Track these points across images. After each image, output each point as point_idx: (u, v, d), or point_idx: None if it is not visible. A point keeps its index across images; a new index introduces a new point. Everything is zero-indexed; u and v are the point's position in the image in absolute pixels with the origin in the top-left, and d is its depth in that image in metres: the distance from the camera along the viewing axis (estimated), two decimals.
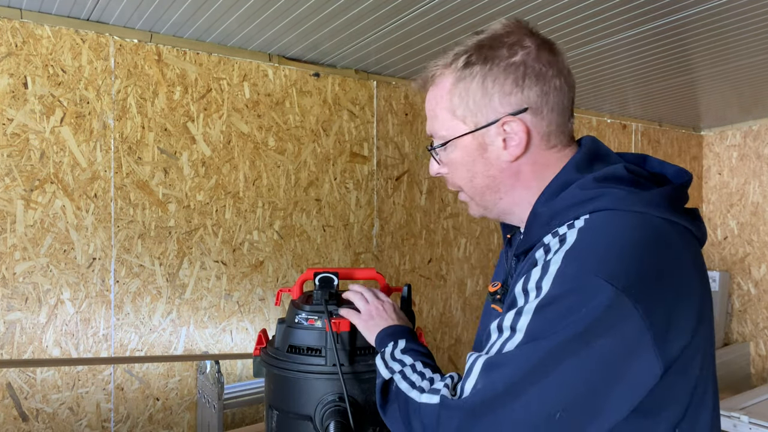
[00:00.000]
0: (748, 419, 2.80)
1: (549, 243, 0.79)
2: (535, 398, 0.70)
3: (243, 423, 2.72)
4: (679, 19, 2.35)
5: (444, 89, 0.88)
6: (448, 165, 0.92)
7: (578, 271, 0.72)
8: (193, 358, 2.53)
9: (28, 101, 2.26)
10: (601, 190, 0.78)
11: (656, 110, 4.06)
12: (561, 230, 0.79)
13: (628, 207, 0.76)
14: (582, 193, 0.79)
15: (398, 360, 0.94)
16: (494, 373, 0.73)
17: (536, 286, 0.74)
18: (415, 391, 0.86)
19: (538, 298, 0.73)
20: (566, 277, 0.72)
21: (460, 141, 0.88)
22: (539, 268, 0.76)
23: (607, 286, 0.69)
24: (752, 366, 4.52)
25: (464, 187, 0.93)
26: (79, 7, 2.23)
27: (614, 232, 0.75)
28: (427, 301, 3.31)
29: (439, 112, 0.89)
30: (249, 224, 2.74)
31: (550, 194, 0.85)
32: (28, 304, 2.26)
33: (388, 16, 2.30)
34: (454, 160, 0.90)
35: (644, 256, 0.73)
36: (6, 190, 2.22)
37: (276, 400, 1.11)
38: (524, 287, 0.77)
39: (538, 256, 0.78)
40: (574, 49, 2.71)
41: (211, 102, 2.64)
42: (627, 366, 0.70)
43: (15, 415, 2.23)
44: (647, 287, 0.71)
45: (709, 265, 4.80)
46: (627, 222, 0.75)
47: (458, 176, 0.92)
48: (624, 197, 0.77)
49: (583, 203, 0.78)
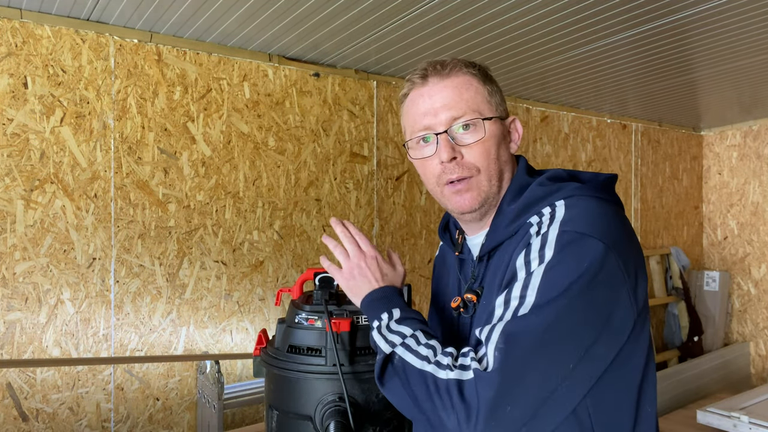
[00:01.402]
0: (748, 419, 2.80)
1: (540, 221, 0.91)
2: (557, 352, 0.81)
3: (243, 423, 2.72)
4: (679, 19, 2.35)
5: (475, 79, 1.00)
6: (481, 141, 0.98)
7: (575, 233, 0.85)
8: (193, 358, 2.54)
9: (28, 101, 2.26)
10: (558, 185, 0.95)
11: (656, 110, 4.06)
12: (545, 211, 0.92)
13: (587, 194, 0.93)
14: (544, 189, 0.95)
15: (397, 332, 0.95)
16: (517, 337, 0.81)
17: (538, 255, 0.86)
18: (431, 366, 0.87)
19: (543, 264, 0.84)
20: (565, 238, 0.85)
21: (495, 122, 1.00)
22: (538, 240, 0.88)
23: (600, 243, 0.84)
24: (752, 366, 4.52)
25: (486, 166, 0.99)
26: (79, 7, 2.23)
27: (591, 208, 0.90)
28: (427, 300, 3.31)
29: (475, 93, 0.99)
30: (249, 224, 2.74)
31: (513, 195, 1.00)
32: (28, 304, 2.26)
33: (388, 16, 2.30)
34: (487, 136, 0.98)
35: (617, 223, 0.89)
36: (6, 190, 2.22)
37: (276, 400, 1.11)
38: (525, 259, 0.87)
39: (532, 231, 0.91)
40: (574, 49, 2.71)
41: (211, 102, 2.64)
42: (615, 312, 0.84)
43: (15, 415, 2.23)
44: (623, 245, 0.86)
45: (709, 265, 4.80)
46: (594, 202, 0.91)
47: (484, 155, 0.99)
48: (580, 187, 0.94)
49: (550, 195, 0.94)
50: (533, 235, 0.89)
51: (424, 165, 1.03)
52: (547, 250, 0.85)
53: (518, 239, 0.93)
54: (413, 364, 0.89)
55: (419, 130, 1.01)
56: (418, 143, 1.03)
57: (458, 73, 1.00)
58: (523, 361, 0.80)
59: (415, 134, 1.03)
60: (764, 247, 4.42)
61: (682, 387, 3.88)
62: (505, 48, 2.67)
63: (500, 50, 2.70)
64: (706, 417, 2.98)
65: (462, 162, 0.98)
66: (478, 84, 1.00)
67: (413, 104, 1.03)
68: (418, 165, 1.05)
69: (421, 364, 0.88)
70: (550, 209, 0.92)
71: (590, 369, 0.83)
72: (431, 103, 0.99)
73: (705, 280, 4.62)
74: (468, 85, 0.99)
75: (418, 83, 1.02)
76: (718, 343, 4.52)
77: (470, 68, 1.01)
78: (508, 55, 2.78)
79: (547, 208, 0.92)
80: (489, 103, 1.00)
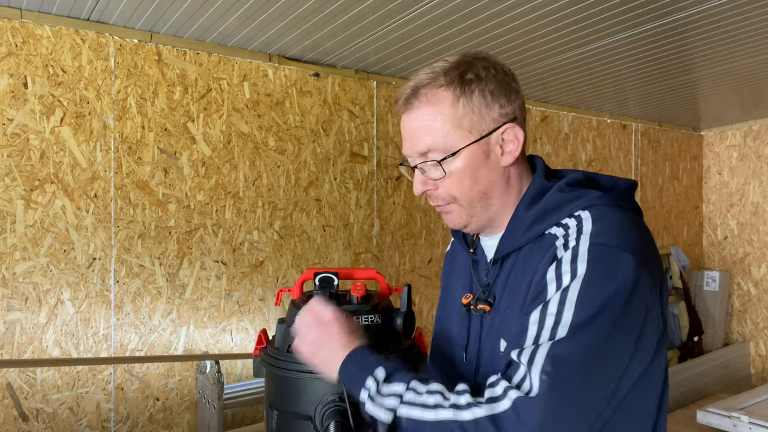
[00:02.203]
0: (748, 419, 2.80)
1: (566, 234, 0.88)
2: (603, 371, 0.78)
3: (243, 423, 2.72)
4: (679, 19, 2.35)
5: (444, 104, 0.93)
6: (448, 177, 0.94)
7: (607, 247, 0.83)
8: (193, 358, 2.54)
9: (28, 101, 2.26)
10: (578, 192, 0.92)
11: (656, 110, 4.06)
12: (570, 223, 0.89)
13: (610, 203, 0.90)
14: (564, 195, 0.92)
15: (390, 394, 0.85)
16: (566, 359, 0.77)
17: (570, 269, 0.83)
18: (448, 411, 0.79)
19: (576, 279, 0.81)
20: (597, 252, 0.82)
21: (467, 150, 0.93)
22: (568, 253, 0.85)
23: (632, 258, 0.81)
24: (752, 366, 4.52)
25: (460, 195, 0.96)
26: (79, 7, 2.23)
27: (618, 219, 0.87)
28: (427, 301, 3.31)
29: (439, 126, 0.93)
30: (249, 224, 2.74)
31: (530, 200, 0.96)
32: (28, 304, 2.26)
33: (388, 16, 2.30)
34: (458, 169, 0.94)
35: (643, 235, 0.87)
36: (6, 190, 2.22)
37: (276, 400, 1.11)
38: (557, 272, 0.84)
39: (558, 244, 0.87)
40: (574, 49, 2.71)
41: (211, 102, 2.64)
42: (646, 328, 0.82)
43: (15, 415, 2.23)
44: (651, 259, 0.85)
45: (709, 265, 4.80)
46: (620, 213, 0.89)
47: (457, 186, 0.95)
48: (602, 196, 0.90)
49: (571, 201, 0.91)
50: (560, 248, 0.86)
51: None
52: (580, 264, 0.82)
53: (541, 250, 0.90)
54: (426, 419, 0.79)
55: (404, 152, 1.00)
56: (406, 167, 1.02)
57: (427, 97, 0.93)
58: (573, 383, 0.76)
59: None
60: (764, 247, 4.42)
61: (682, 387, 3.88)
62: (505, 48, 2.67)
63: (500, 50, 2.70)
64: (706, 417, 2.98)
65: (436, 193, 0.97)
66: (450, 109, 0.92)
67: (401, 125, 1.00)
68: None
69: (435, 415, 0.79)
70: (576, 222, 0.88)
71: (626, 387, 0.81)
72: (404, 133, 0.98)
73: (705, 280, 4.62)
74: (437, 114, 0.92)
75: (397, 108, 0.99)
76: (718, 343, 4.53)
77: (447, 86, 0.92)
78: (508, 55, 2.78)
79: (572, 220, 0.89)
80: (460, 129, 0.92)
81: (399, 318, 1.16)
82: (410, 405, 0.82)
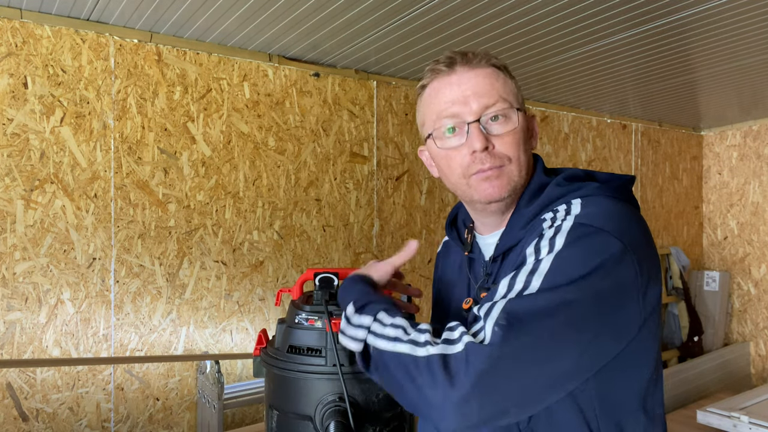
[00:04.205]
0: (748, 419, 2.80)
1: (554, 216, 0.89)
2: (559, 338, 0.78)
3: (243, 423, 2.72)
4: (679, 19, 2.35)
5: (502, 72, 0.99)
6: (514, 131, 0.96)
7: (590, 227, 0.83)
8: (193, 358, 2.54)
9: (28, 101, 2.26)
10: (576, 185, 0.94)
11: (656, 110, 4.06)
12: (560, 208, 0.91)
13: (605, 194, 0.91)
14: (561, 189, 0.94)
15: (359, 325, 0.90)
16: (520, 316, 0.78)
17: (549, 243, 0.84)
18: (405, 345, 0.82)
19: (552, 252, 0.82)
20: (579, 231, 0.83)
21: (522, 114, 0.98)
22: (551, 229, 0.86)
23: (617, 242, 0.81)
24: (752, 366, 4.52)
25: (516, 155, 0.96)
26: (79, 7, 2.23)
27: (609, 206, 0.88)
28: (426, 301, 3.31)
29: (504, 84, 0.97)
30: (249, 224, 2.74)
31: (531, 196, 0.97)
32: (28, 304, 2.26)
33: (388, 16, 2.30)
34: (518, 126, 0.96)
35: (636, 224, 0.87)
36: (6, 190, 2.22)
37: (276, 400, 1.11)
38: (536, 246, 0.86)
39: (545, 226, 0.89)
40: (574, 49, 2.71)
41: (211, 102, 2.64)
42: (621, 312, 0.82)
43: (15, 415, 2.23)
44: (641, 247, 0.84)
45: (709, 265, 4.80)
46: (612, 201, 0.90)
47: (515, 144, 0.96)
48: (598, 187, 0.92)
49: (567, 194, 0.93)
50: (545, 229, 0.88)
51: (450, 156, 0.98)
52: (558, 239, 0.83)
53: (532, 234, 0.92)
54: (386, 349, 0.84)
55: (446, 117, 0.96)
56: (444, 133, 0.98)
57: (486, 64, 0.98)
58: (523, 340, 0.77)
59: (441, 123, 0.98)
60: (764, 247, 4.42)
61: (682, 387, 3.88)
62: (505, 48, 2.67)
63: (500, 50, 2.70)
64: (706, 417, 2.98)
65: (494, 152, 0.95)
66: (505, 77, 0.99)
67: (438, 93, 0.98)
68: (442, 156, 1.00)
69: (393, 347, 0.83)
70: (565, 206, 0.90)
71: (588, 363, 0.81)
72: (461, 91, 0.96)
73: (705, 280, 4.62)
74: (497, 76, 0.97)
75: (443, 71, 0.99)
76: (718, 343, 4.52)
77: (496, 62, 0.99)
78: (509, 55, 2.78)
79: (562, 206, 0.91)
80: (516, 97, 0.98)
81: None
82: (375, 335, 0.87)
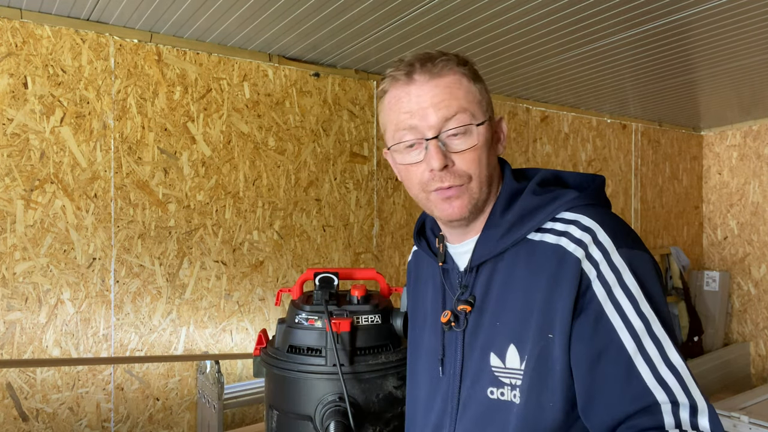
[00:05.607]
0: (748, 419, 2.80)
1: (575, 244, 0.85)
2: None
3: (243, 423, 2.72)
4: (679, 19, 2.35)
5: (465, 77, 0.91)
6: (474, 148, 0.89)
7: (634, 252, 0.83)
8: (193, 358, 2.53)
9: (28, 101, 2.26)
10: (553, 193, 0.90)
11: (656, 110, 4.06)
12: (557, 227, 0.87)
13: (587, 202, 0.88)
14: (539, 198, 0.90)
15: None
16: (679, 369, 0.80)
17: (635, 284, 0.82)
18: None
19: (642, 293, 0.81)
20: (634, 260, 0.82)
21: (486, 124, 0.92)
22: (608, 270, 0.82)
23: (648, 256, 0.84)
24: (752, 366, 4.52)
25: (476, 173, 0.90)
26: (79, 7, 2.23)
27: (612, 219, 0.87)
28: None
29: (464, 93, 0.90)
30: (249, 224, 2.74)
31: (505, 204, 0.93)
32: (28, 304, 2.26)
33: (388, 16, 2.30)
34: (481, 141, 0.90)
35: (633, 231, 0.89)
36: (6, 190, 2.22)
37: (276, 400, 1.11)
38: (629, 291, 0.82)
39: (589, 274, 0.83)
40: (574, 49, 2.71)
41: (211, 102, 2.64)
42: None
43: (15, 415, 2.23)
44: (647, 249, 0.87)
45: (709, 265, 4.80)
46: (603, 211, 0.88)
47: (478, 160, 0.90)
48: (578, 196, 0.88)
49: (548, 204, 0.88)
50: (594, 279, 0.82)
51: (409, 170, 0.94)
52: (628, 281, 0.82)
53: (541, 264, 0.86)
54: None
55: (404, 129, 0.91)
56: (403, 148, 0.93)
57: (448, 71, 0.89)
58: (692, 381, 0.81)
59: (400, 137, 0.93)
60: (764, 247, 4.42)
61: None
62: (505, 48, 2.67)
63: (500, 50, 2.70)
64: None
65: (453, 170, 0.89)
66: (469, 83, 0.90)
67: (397, 103, 0.92)
68: (402, 169, 0.96)
69: None
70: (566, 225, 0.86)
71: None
72: (419, 102, 0.89)
73: (705, 280, 4.62)
74: (459, 85, 0.89)
75: (401, 80, 0.91)
76: (718, 343, 4.52)
77: (461, 66, 0.91)
78: (508, 55, 2.78)
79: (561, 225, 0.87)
80: (480, 105, 0.91)
81: (399, 318, 1.16)
82: None
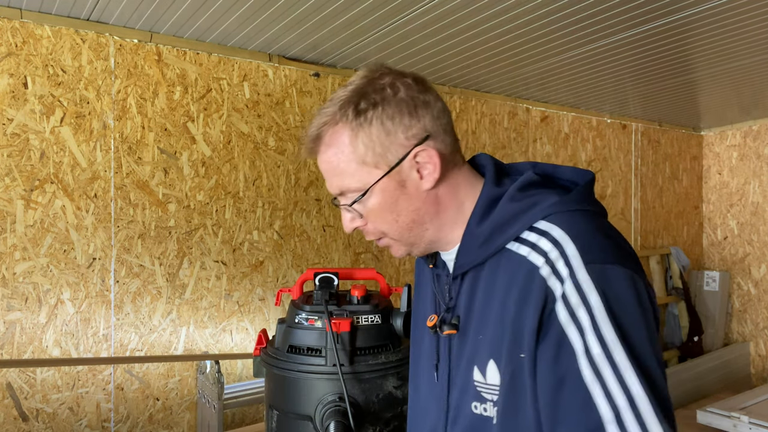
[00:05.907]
0: (748, 419, 2.80)
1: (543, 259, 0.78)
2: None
3: (243, 423, 2.72)
4: (679, 19, 2.35)
5: (343, 144, 0.87)
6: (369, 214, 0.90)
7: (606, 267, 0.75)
8: (193, 358, 2.53)
9: (28, 101, 2.26)
10: (532, 199, 0.83)
11: (656, 110, 4.06)
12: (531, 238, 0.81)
13: (569, 208, 0.82)
14: (516, 205, 0.84)
15: None
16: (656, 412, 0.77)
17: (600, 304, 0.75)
18: None
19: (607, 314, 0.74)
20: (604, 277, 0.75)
21: (378, 186, 0.87)
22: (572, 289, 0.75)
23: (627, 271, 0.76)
24: (752, 366, 4.52)
25: (389, 230, 0.90)
26: (79, 7, 2.23)
27: (591, 229, 0.80)
28: None
29: (345, 167, 0.88)
30: (249, 224, 2.74)
31: (481, 213, 0.88)
32: (28, 304, 2.26)
33: (388, 16, 2.30)
34: (375, 206, 0.89)
35: (620, 241, 0.81)
36: (6, 190, 2.22)
37: (276, 400, 1.11)
38: (587, 317, 0.75)
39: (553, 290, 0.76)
40: (574, 49, 2.71)
41: (211, 102, 2.64)
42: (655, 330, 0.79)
43: (15, 415, 2.23)
44: (632, 262, 0.78)
45: (709, 265, 4.80)
46: (584, 218, 0.81)
47: (381, 221, 0.90)
48: (558, 202, 0.82)
49: (525, 211, 0.83)
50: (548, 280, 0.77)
51: None
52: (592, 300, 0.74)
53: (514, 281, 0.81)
54: None
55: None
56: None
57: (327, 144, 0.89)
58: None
59: None
60: (764, 247, 4.42)
61: (682, 387, 3.88)
62: (505, 48, 2.67)
63: (500, 50, 2.70)
64: (706, 417, 2.98)
65: (366, 229, 0.92)
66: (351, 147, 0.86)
67: None
68: None
69: None
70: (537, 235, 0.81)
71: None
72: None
73: (705, 280, 4.62)
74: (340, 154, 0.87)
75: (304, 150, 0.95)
76: (718, 343, 4.52)
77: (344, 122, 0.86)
78: (508, 55, 2.78)
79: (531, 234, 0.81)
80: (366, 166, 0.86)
81: (399, 318, 1.16)
82: None
